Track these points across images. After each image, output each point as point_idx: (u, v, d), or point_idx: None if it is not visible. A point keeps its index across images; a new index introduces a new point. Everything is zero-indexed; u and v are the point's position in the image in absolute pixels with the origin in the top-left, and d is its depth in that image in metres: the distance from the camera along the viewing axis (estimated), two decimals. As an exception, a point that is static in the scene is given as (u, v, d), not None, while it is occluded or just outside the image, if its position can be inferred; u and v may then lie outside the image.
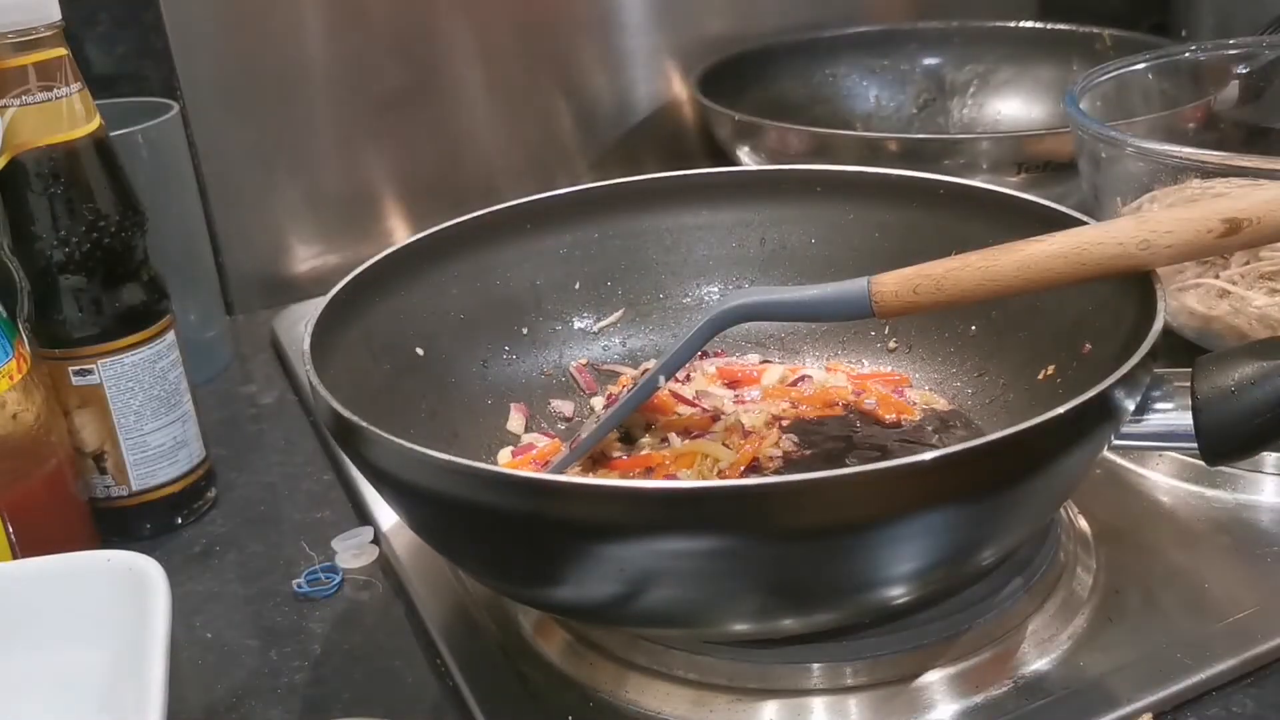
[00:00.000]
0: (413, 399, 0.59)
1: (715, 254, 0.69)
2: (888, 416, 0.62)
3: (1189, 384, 0.47)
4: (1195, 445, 0.47)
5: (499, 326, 0.65)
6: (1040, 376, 0.59)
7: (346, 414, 0.46)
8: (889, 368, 0.66)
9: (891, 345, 0.66)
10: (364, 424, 0.45)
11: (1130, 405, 0.46)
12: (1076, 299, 0.57)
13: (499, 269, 0.65)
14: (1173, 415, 0.47)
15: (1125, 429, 0.47)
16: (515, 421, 0.63)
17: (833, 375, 0.65)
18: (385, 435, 0.44)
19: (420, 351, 0.61)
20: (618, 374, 0.67)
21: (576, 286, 0.67)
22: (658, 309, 0.68)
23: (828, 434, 0.61)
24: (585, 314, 0.68)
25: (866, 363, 0.67)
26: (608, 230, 0.67)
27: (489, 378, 0.64)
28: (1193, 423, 0.47)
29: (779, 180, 0.69)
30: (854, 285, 0.52)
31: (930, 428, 0.61)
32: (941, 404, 0.63)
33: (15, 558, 0.54)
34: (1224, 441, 0.47)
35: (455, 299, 0.63)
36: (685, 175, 0.68)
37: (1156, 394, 0.47)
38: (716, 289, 0.69)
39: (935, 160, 0.81)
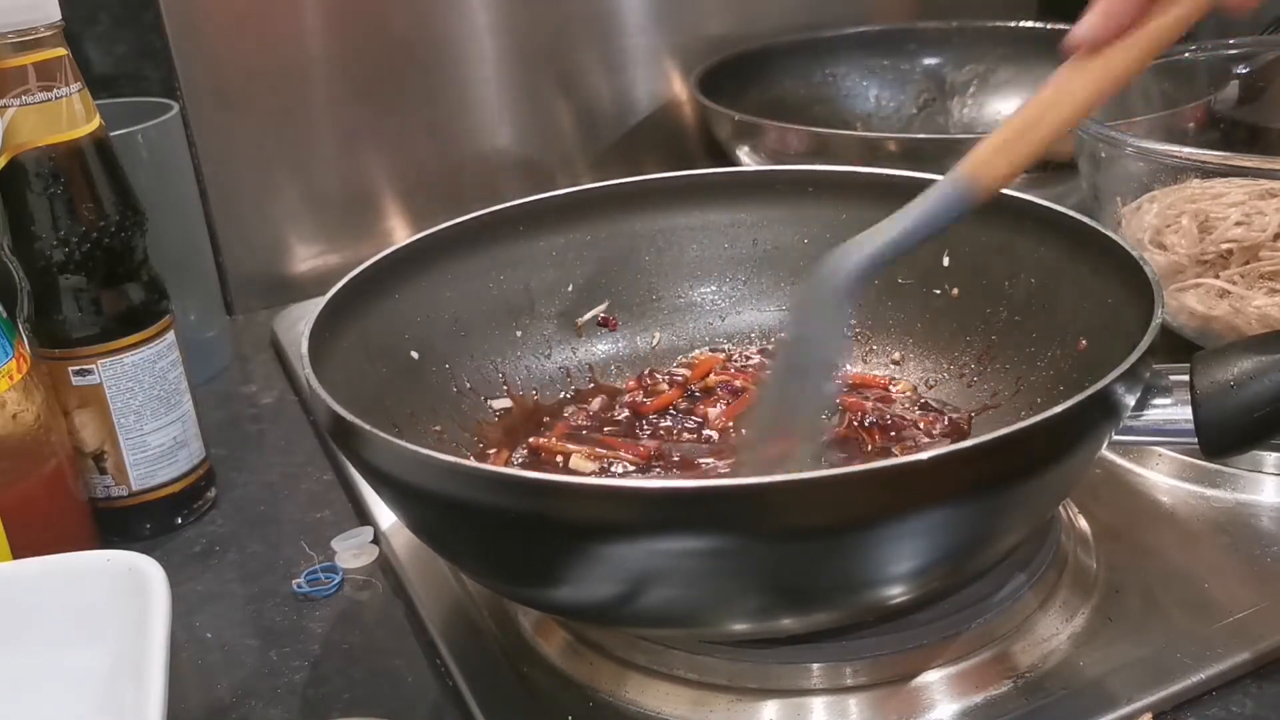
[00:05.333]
0: (408, 401, 0.59)
1: (708, 255, 0.69)
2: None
3: (1188, 379, 0.47)
4: (1194, 440, 0.47)
5: (492, 329, 0.65)
6: (1036, 375, 0.59)
7: (347, 416, 0.46)
8: (881, 366, 0.66)
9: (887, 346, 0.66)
10: (364, 425, 0.45)
11: (1130, 401, 0.46)
12: (1073, 295, 0.57)
13: (492, 271, 0.65)
14: (1172, 410, 0.47)
15: (1124, 424, 0.47)
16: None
17: None
18: (385, 436, 0.44)
19: (415, 355, 0.61)
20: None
21: (569, 288, 0.67)
22: (651, 310, 0.68)
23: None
24: (578, 316, 0.68)
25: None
26: (600, 232, 0.67)
27: (484, 380, 0.64)
28: (1192, 417, 0.47)
29: (772, 181, 0.69)
30: (947, 184, 0.49)
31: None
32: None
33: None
34: (1223, 436, 0.47)
35: (449, 301, 0.63)
36: (677, 176, 0.68)
37: (1155, 389, 0.48)
38: (709, 290, 0.69)
39: (935, 160, 0.80)
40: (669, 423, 0.63)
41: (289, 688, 0.53)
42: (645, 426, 0.63)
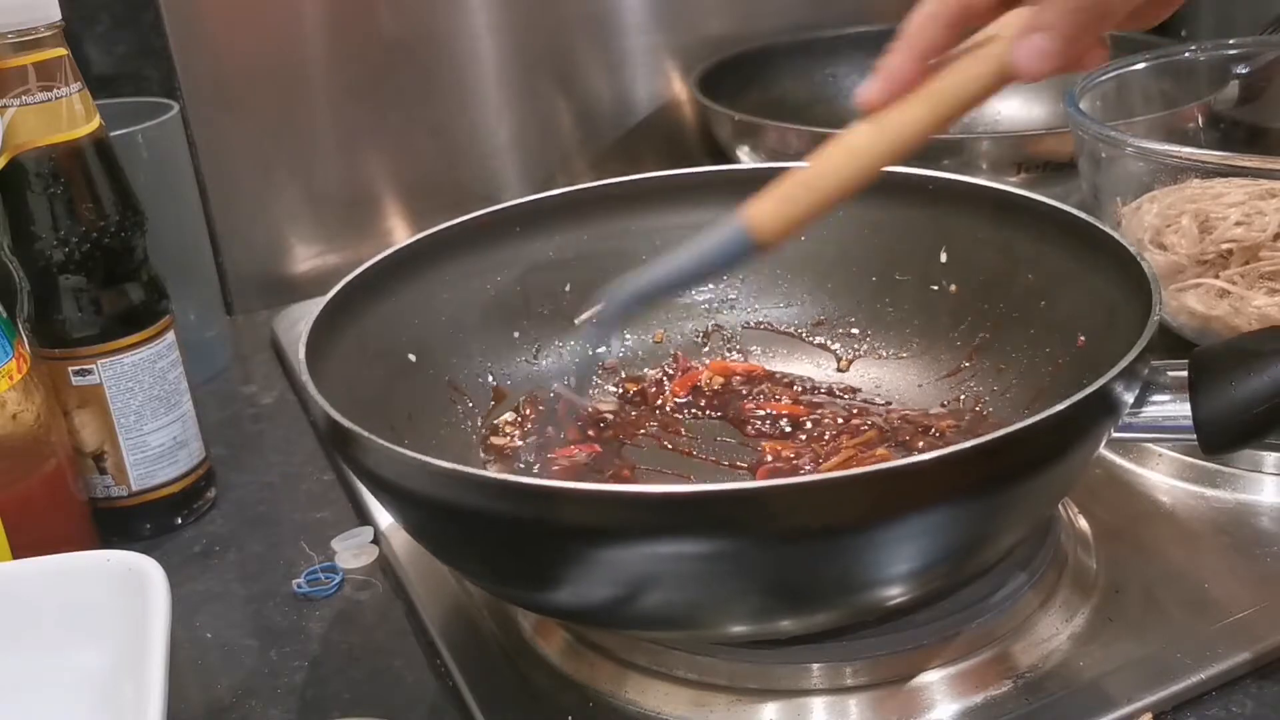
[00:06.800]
0: (406, 403, 0.59)
1: None
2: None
3: (1186, 376, 0.47)
4: (1193, 437, 0.47)
5: (489, 330, 0.65)
6: (1034, 372, 0.59)
7: (344, 422, 0.46)
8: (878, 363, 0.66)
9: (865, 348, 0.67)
10: (361, 431, 0.45)
11: (1129, 398, 0.46)
12: (1071, 292, 0.57)
13: (488, 273, 0.65)
14: (1170, 407, 0.48)
15: (1123, 420, 0.47)
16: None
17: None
18: (382, 442, 0.44)
19: (412, 357, 0.61)
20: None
21: (566, 289, 0.67)
22: (649, 310, 0.68)
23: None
24: (575, 316, 0.67)
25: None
26: (596, 232, 0.67)
27: (481, 382, 0.64)
28: (1191, 414, 0.47)
29: (768, 179, 0.68)
30: (726, 228, 0.47)
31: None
32: None
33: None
34: (1222, 432, 0.47)
35: (446, 303, 0.63)
36: (672, 175, 0.68)
37: (1154, 386, 0.48)
38: (707, 290, 0.69)
39: (935, 160, 0.81)
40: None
41: (289, 688, 0.53)
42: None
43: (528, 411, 0.64)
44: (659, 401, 0.65)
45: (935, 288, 0.64)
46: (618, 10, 1.00)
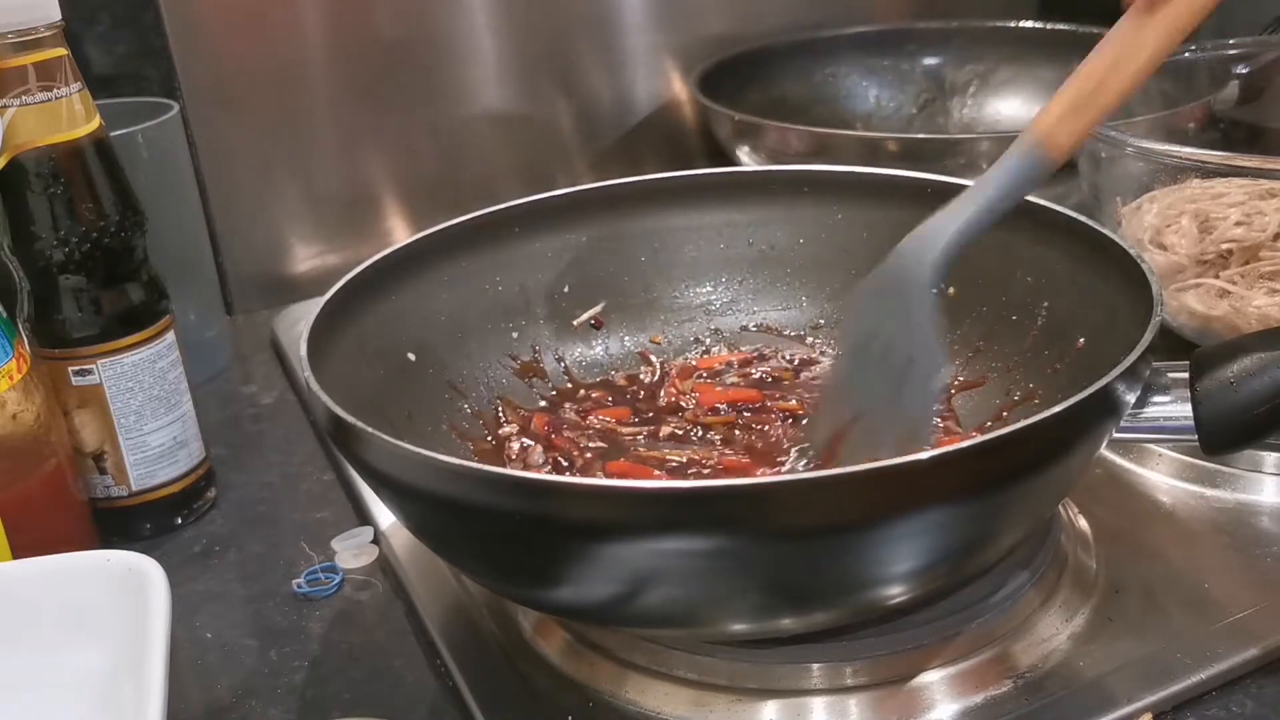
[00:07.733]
0: (405, 402, 0.59)
1: (703, 255, 0.68)
2: None
3: (1187, 376, 0.47)
4: (1194, 437, 0.47)
5: (488, 330, 0.65)
6: (1034, 373, 0.59)
7: (346, 417, 0.46)
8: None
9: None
10: (363, 426, 0.45)
11: (1131, 399, 0.46)
12: (1071, 294, 0.57)
13: (488, 273, 0.65)
14: (1171, 407, 0.47)
15: (1123, 421, 0.47)
16: None
17: None
18: (384, 437, 0.44)
19: (412, 357, 0.61)
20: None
21: (566, 289, 0.67)
22: (648, 311, 0.68)
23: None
24: (574, 316, 0.67)
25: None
26: (595, 233, 0.67)
27: (480, 382, 0.64)
28: (1192, 414, 0.47)
29: (766, 181, 0.69)
30: (1017, 153, 0.48)
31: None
32: None
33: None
34: (1223, 432, 0.47)
35: (445, 303, 0.63)
36: (672, 177, 0.68)
37: (1155, 387, 0.48)
38: (706, 290, 0.69)
39: (935, 160, 0.81)
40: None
41: (289, 688, 0.53)
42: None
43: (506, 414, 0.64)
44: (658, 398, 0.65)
45: (934, 291, 0.64)
46: (618, 10, 1.00)
